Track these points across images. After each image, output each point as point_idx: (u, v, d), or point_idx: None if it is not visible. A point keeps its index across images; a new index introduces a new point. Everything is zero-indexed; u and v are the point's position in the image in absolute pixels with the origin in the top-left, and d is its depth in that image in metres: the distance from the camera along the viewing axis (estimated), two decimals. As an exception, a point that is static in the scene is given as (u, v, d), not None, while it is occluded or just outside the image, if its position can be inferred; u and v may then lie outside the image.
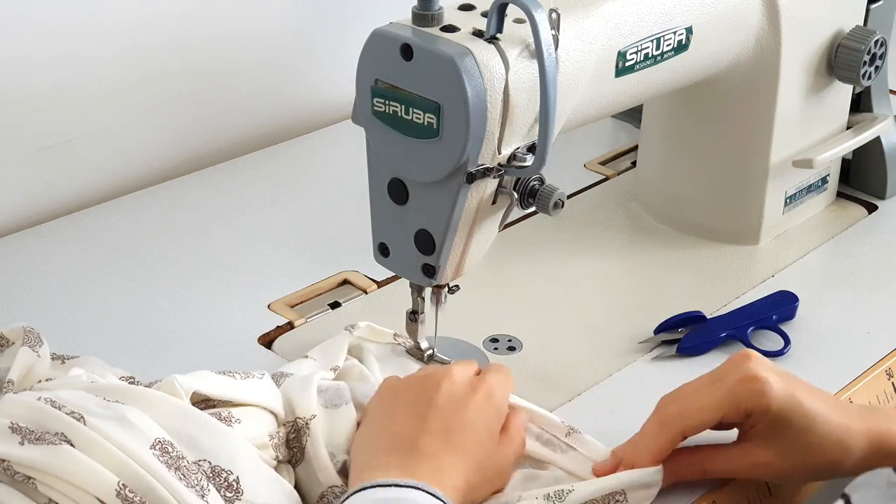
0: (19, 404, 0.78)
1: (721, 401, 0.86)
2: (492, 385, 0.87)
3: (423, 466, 0.81)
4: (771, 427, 0.86)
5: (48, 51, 1.19)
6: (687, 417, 0.86)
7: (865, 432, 0.85)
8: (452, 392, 0.86)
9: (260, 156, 1.35)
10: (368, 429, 0.87)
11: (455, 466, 0.82)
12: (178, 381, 0.84)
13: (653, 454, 0.86)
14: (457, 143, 0.85)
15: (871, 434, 0.85)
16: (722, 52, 1.06)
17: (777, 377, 0.86)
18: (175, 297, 1.10)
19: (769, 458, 0.86)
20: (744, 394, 0.85)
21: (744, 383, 0.85)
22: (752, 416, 0.86)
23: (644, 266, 1.16)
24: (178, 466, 0.78)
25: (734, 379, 0.86)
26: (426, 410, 0.84)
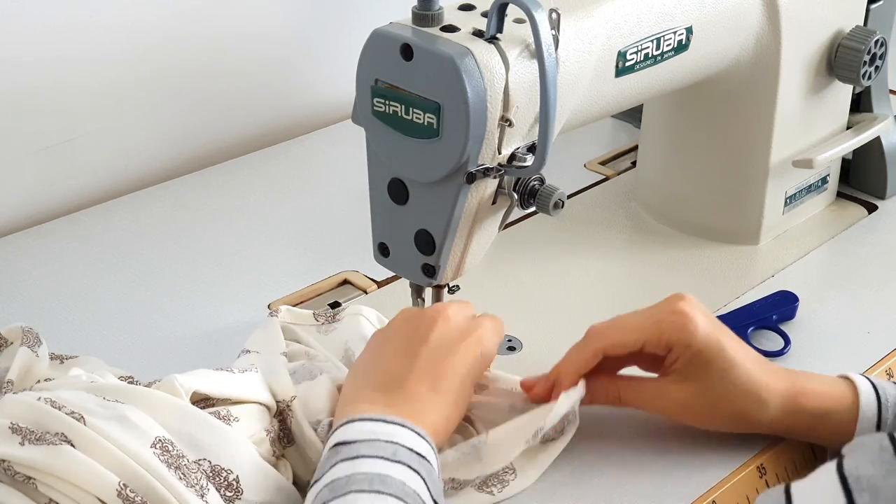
0: (19, 404, 0.78)
1: (645, 325, 0.89)
2: (484, 331, 0.88)
3: (408, 405, 0.83)
4: (689, 364, 0.88)
5: (48, 51, 1.20)
6: (610, 334, 0.90)
7: (782, 390, 0.88)
8: (445, 333, 0.87)
9: (260, 156, 1.35)
10: (361, 364, 0.88)
11: (437, 408, 0.84)
12: (178, 380, 0.84)
13: (573, 367, 0.90)
14: (457, 143, 0.85)
15: (788, 392, 0.88)
16: (722, 52, 1.06)
17: (705, 318, 0.88)
18: (175, 297, 1.10)
19: (682, 396, 0.89)
20: (668, 324, 0.88)
21: (671, 315, 0.89)
22: (673, 350, 0.88)
23: (644, 266, 1.16)
24: (178, 465, 0.78)
25: (663, 310, 0.89)
26: (417, 349, 0.86)
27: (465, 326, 0.88)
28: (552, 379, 0.91)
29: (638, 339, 0.89)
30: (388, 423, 0.80)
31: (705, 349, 0.88)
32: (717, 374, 0.88)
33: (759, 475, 0.91)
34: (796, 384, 0.89)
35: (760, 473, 0.91)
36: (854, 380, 0.90)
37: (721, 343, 0.88)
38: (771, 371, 0.90)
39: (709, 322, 0.89)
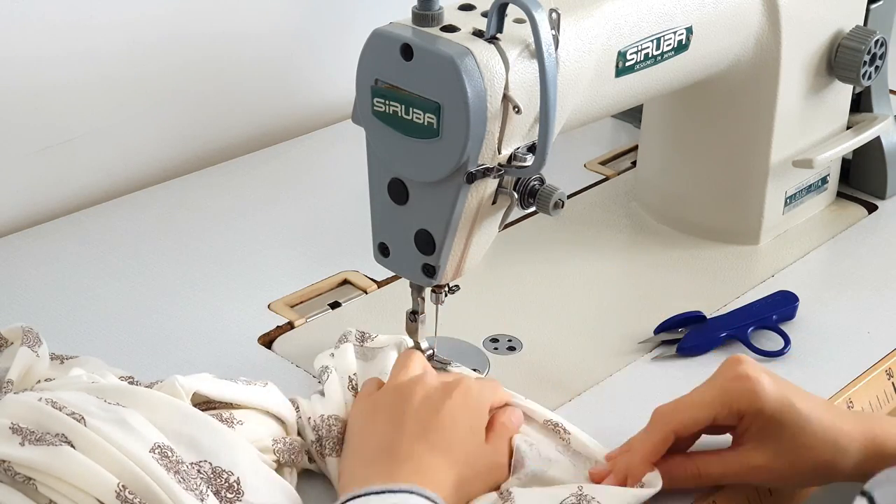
0: (20, 405, 0.78)
1: (714, 399, 0.86)
2: (467, 385, 0.88)
3: (405, 469, 0.81)
4: (764, 428, 0.86)
5: (48, 50, 1.19)
6: (679, 413, 0.87)
7: (859, 434, 0.86)
8: (427, 394, 0.86)
9: (260, 156, 1.35)
10: (349, 445, 0.87)
11: (438, 465, 0.82)
12: (179, 381, 0.84)
13: (645, 453, 0.87)
14: (457, 143, 0.85)
15: (866, 436, 0.86)
16: (722, 52, 1.06)
17: (769, 378, 0.86)
18: (175, 297, 1.10)
19: (763, 461, 0.86)
20: (736, 393, 0.86)
21: (736, 382, 0.86)
22: (746, 418, 0.86)
23: (644, 266, 1.16)
24: (177, 471, 0.78)
25: (727, 378, 0.87)
26: (402, 417, 0.85)
27: (447, 385, 0.87)
28: (623, 469, 0.86)
29: (709, 415, 0.86)
30: (395, 493, 0.78)
31: (777, 410, 0.85)
32: (792, 431, 0.85)
33: (760, 475, 0.91)
34: (873, 427, 0.87)
35: (760, 473, 0.91)
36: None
37: (791, 401, 0.85)
38: (844, 416, 0.87)
39: (774, 382, 0.86)
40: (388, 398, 0.88)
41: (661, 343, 1.04)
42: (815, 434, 0.85)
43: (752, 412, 0.86)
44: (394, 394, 0.88)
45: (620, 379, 1.01)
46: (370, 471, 0.82)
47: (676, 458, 0.88)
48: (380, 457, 0.83)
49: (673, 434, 0.87)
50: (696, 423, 0.87)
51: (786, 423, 0.85)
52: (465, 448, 0.85)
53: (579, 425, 0.92)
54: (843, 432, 0.86)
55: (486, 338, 1.05)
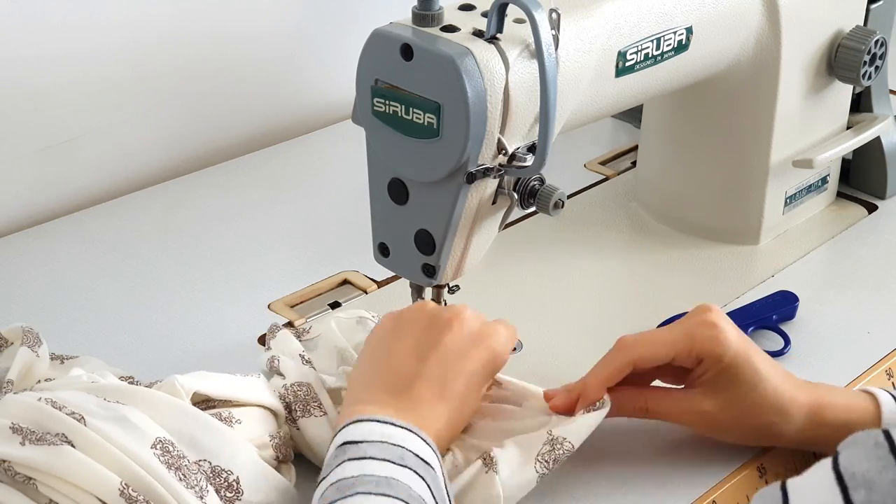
0: (20, 405, 0.78)
1: (677, 338, 0.88)
2: (497, 338, 0.88)
3: (415, 411, 0.82)
4: (719, 376, 0.88)
5: (48, 50, 1.20)
6: (640, 346, 0.89)
7: (807, 403, 0.88)
8: (458, 338, 0.86)
9: (260, 156, 1.35)
10: (369, 360, 0.87)
11: (444, 414, 0.84)
12: (179, 381, 0.84)
13: (602, 378, 0.88)
14: (457, 143, 0.85)
15: (811, 405, 0.88)
16: (722, 52, 1.06)
17: (734, 330, 0.88)
18: (175, 297, 1.10)
19: (711, 408, 0.88)
20: (700, 337, 0.88)
21: (702, 327, 0.88)
22: (704, 362, 0.88)
23: (644, 266, 1.16)
24: (178, 466, 0.78)
25: (694, 322, 0.89)
26: (429, 352, 0.85)
27: (478, 332, 0.87)
28: (577, 390, 0.89)
29: (669, 351, 0.88)
30: (397, 426, 0.79)
31: (736, 362, 0.87)
32: (745, 386, 0.87)
33: (759, 475, 0.91)
34: (820, 397, 0.89)
35: (760, 473, 0.91)
36: (875, 393, 0.89)
37: (750, 356, 0.87)
38: (795, 384, 0.89)
39: (738, 334, 0.88)
40: (421, 323, 0.88)
41: (661, 343, 1.04)
42: (765, 394, 0.87)
43: (711, 358, 0.88)
44: (430, 321, 0.88)
45: (620, 379, 1.01)
46: (385, 397, 0.83)
47: (628, 391, 0.90)
48: (395, 387, 0.84)
49: (631, 364, 0.88)
50: (656, 358, 0.89)
51: (740, 376, 0.87)
52: (469, 402, 0.86)
53: (579, 425, 0.92)
54: (791, 399, 0.88)
55: (486, 338, 1.05)
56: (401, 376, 0.85)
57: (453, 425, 0.85)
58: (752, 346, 0.89)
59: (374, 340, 0.89)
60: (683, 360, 0.88)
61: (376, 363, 0.87)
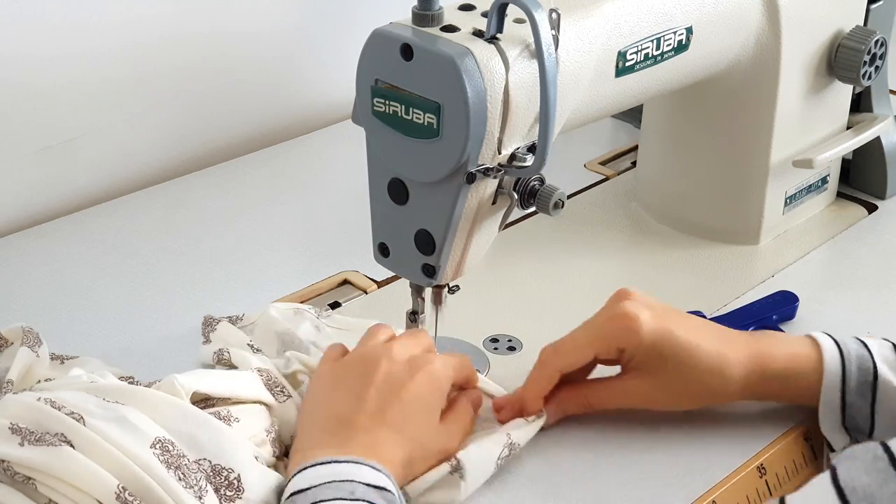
0: (19, 404, 0.78)
1: (592, 339, 0.91)
2: (433, 365, 0.88)
3: (357, 441, 0.83)
4: (645, 360, 0.90)
5: (48, 50, 1.19)
6: (561, 355, 0.92)
7: (745, 359, 0.90)
8: (391, 371, 0.87)
9: (260, 156, 1.35)
10: (309, 409, 0.88)
11: (391, 440, 0.84)
12: (178, 380, 0.84)
13: (534, 392, 0.92)
14: (457, 143, 0.85)
15: (751, 359, 0.90)
16: (722, 52, 1.06)
17: (650, 313, 0.90)
18: (175, 297, 1.10)
19: (647, 388, 0.91)
20: (614, 331, 0.90)
21: (614, 321, 0.90)
22: (626, 352, 0.90)
23: (644, 266, 1.16)
24: (178, 466, 0.78)
25: (605, 317, 0.91)
26: (364, 390, 0.86)
27: (410, 361, 0.88)
28: (518, 403, 0.92)
29: (588, 353, 0.91)
30: (341, 462, 0.79)
31: (656, 344, 0.89)
32: (674, 362, 0.89)
33: (759, 475, 0.91)
34: (760, 350, 0.91)
35: (760, 473, 0.91)
36: (817, 338, 0.92)
37: (672, 333, 0.89)
38: (732, 342, 0.91)
39: (654, 316, 0.90)
40: (353, 367, 0.88)
41: (661, 343, 1.04)
42: (699, 363, 0.89)
43: (630, 347, 0.90)
44: (360, 363, 0.88)
45: (620, 379, 1.01)
46: (325, 438, 0.83)
47: (566, 390, 0.93)
48: (336, 426, 0.84)
49: (557, 373, 0.92)
50: (578, 363, 0.92)
51: (666, 355, 0.89)
52: (420, 429, 0.86)
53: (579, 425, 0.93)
54: (728, 360, 0.90)
55: (486, 338, 1.05)
56: (340, 416, 0.85)
57: (411, 453, 0.85)
58: (675, 321, 0.90)
59: (312, 391, 0.90)
60: (606, 355, 0.91)
61: (316, 410, 0.87)
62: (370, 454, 0.81)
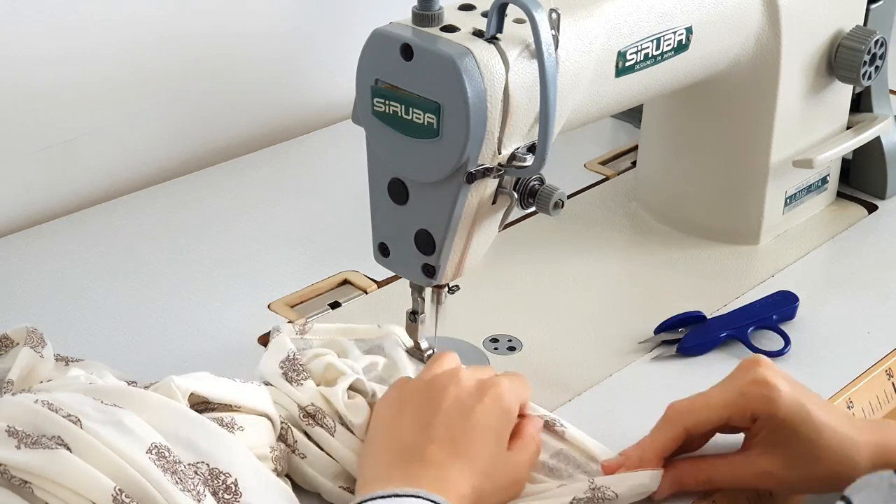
0: (16, 406, 0.78)
1: (730, 401, 0.86)
2: (501, 388, 0.86)
3: (427, 476, 0.80)
4: (776, 434, 0.85)
5: (48, 50, 1.19)
6: (693, 413, 0.87)
7: (872, 446, 0.85)
8: (459, 396, 0.84)
9: (260, 156, 1.35)
10: (374, 439, 0.85)
11: (461, 474, 0.81)
12: (175, 382, 0.84)
13: (657, 449, 0.87)
14: (457, 143, 0.85)
15: (876, 447, 0.85)
16: (722, 52, 1.06)
17: (787, 384, 0.86)
18: (175, 297, 1.10)
19: (773, 467, 0.86)
20: (752, 396, 0.85)
21: (753, 386, 0.86)
22: (759, 421, 0.86)
23: (644, 266, 1.16)
24: (174, 471, 0.77)
25: (744, 381, 0.86)
26: (432, 417, 0.83)
27: (478, 387, 0.86)
28: (634, 460, 0.87)
29: (722, 415, 0.86)
30: (401, 497, 0.77)
31: (791, 416, 0.85)
32: (805, 440, 0.85)
33: (760, 475, 0.91)
34: (884, 438, 0.86)
35: (760, 473, 0.91)
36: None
37: (807, 409, 0.85)
38: (857, 427, 0.87)
39: (792, 388, 0.86)
40: (419, 394, 0.86)
41: (661, 343, 1.04)
42: (828, 445, 0.84)
43: (766, 416, 0.85)
44: (426, 390, 0.86)
45: (620, 379, 1.01)
46: (393, 472, 0.81)
47: (687, 464, 0.88)
48: (403, 458, 0.82)
49: (685, 432, 0.87)
50: (710, 424, 0.87)
51: (799, 431, 0.85)
52: (490, 458, 0.83)
53: (579, 425, 0.92)
54: (855, 444, 0.85)
55: (486, 338, 1.05)
56: (408, 447, 0.82)
57: (481, 485, 0.82)
58: (809, 397, 0.86)
59: (377, 420, 0.87)
60: (738, 422, 0.87)
61: (382, 441, 0.85)
62: (439, 488, 0.79)
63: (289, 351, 0.93)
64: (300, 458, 0.87)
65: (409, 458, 0.82)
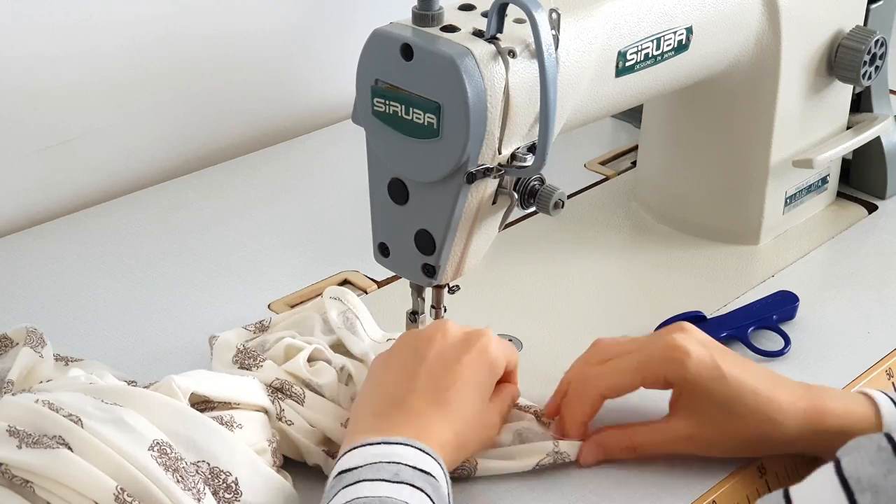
0: (17, 407, 0.78)
1: (639, 366, 0.88)
2: (487, 340, 0.87)
3: (410, 423, 0.82)
4: (693, 398, 0.87)
5: (48, 50, 1.20)
6: (604, 378, 0.89)
7: (800, 409, 0.86)
8: (445, 347, 0.86)
9: (260, 156, 1.35)
10: (363, 393, 0.87)
11: (443, 422, 0.83)
12: (176, 381, 0.84)
13: (577, 419, 0.90)
14: (457, 143, 0.85)
15: (807, 410, 0.86)
16: (722, 52, 1.06)
17: (702, 349, 0.87)
18: (175, 297, 1.10)
19: (693, 430, 0.88)
20: (662, 362, 0.87)
21: (664, 350, 0.88)
22: (676, 386, 0.88)
23: (644, 266, 1.16)
24: (176, 468, 0.78)
25: (656, 347, 0.88)
26: (417, 368, 0.85)
27: (464, 339, 0.87)
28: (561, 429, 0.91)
29: (634, 378, 0.89)
30: (389, 444, 0.79)
31: (703, 381, 0.86)
32: (722, 402, 0.86)
33: (759, 475, 0.91)
34: (815, 402, 0.87)
35: (760, 473, 0.91)
36: (872, 396, 0.88)
37: (721, 371, 0.86)
38: (785, 389, 0.88)
39: (705, 351, 0.87)
40: (406, 346, 0.88)
41: (661, 343, 1.04)
42: (746, 407, 0.86)
43: (678, 382, 0.87)
44: (413, 341, 0.88)
45: (620, 379, 1.01)
46: (377, 422, 0.83)
47: (610, 431, 0.90)
48: (388, 409, 0.83)
49: (600, 399, 0.89)
50: (622, 388, 0.89)
51: (714, 393, 0.86)
52: (471, 407, 0.85)
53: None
54: (779, 406, 0.86)
55: (486, 338, 1.05)
56: (393, 397, 0.84)
57: (462, 431, 0.84)
58: (727, 359, 0.87)
59: (369, 376, 0.89)
60: (652, 385, 0.88)
61: (370, 394, 0.87)
62: (421, 436, 0.80)
63: (237, 346, 0.95)
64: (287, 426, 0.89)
65: (392, 408, 0.83)
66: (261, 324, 1.01)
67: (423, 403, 0.83)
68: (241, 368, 0.92)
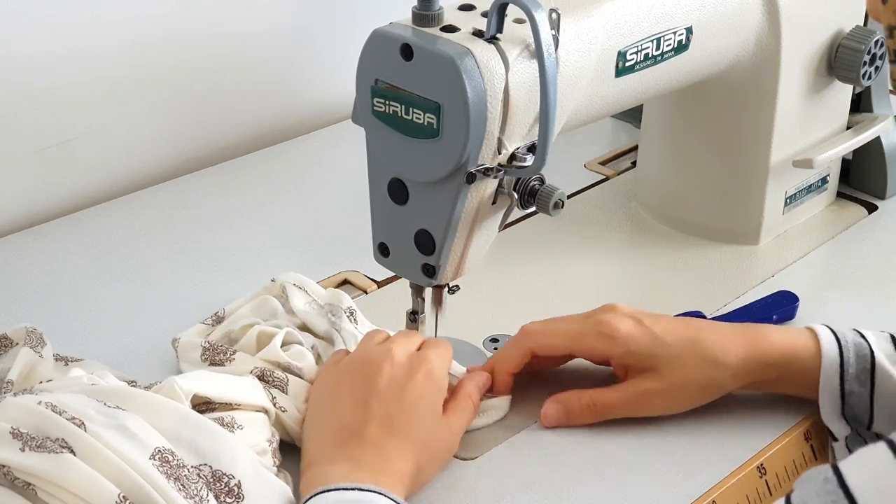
0: (20, 408, 0.78)
1: (573, 334, 0.94)
2: (432, 363, 0.89)
3: (369, 456, 0.83)
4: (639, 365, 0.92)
5: (48, 50, 1.19)
6: (539, 335, 0.95)
7: (742, 349, 0.91)
8: (393, 375, 0.87)
9: (260, 156, 1.35)
10: (316, 417, 0.88)
11: (400, 451, 0.84)
12: (178, 383, 0.84)
13: (506, 364, 0.95)
14: (457, 143, 0.85)
15: (748, 349, 0.91)
16: (722, 52, 1.06)
17: (629, 322, 0.92)
18: (175, 298, 1.10)
19: (647, 385, 0.92)
20: (592, 335, 0.93)
21: (595, 325, 0.93)
22: (613, 361, 0.93)
23: (644, 266, 1.16)
24: (178, 476, 0.77)
25: (591, 320, 0.94)
26: (368, 396, 0.86)
27: (408, 364, 0.89)
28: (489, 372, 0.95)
29: (564, 344, 0.94)
30: (363, 491, 0.79)
31: (643, 348, 0.91)
32: (667, 359, 0.91)
33: (759, 475, 0.91)
34: (756, 339, 0.92)
35: (760, 473, 0.91)
36: (814, 328, 0.93)
37: (654, 334, 0.91)
38: (725, 333, 0.93)
39: (633, 323, 0.92)
40: (354, 372, 0.89)
41: (661, 343, 1.05)
42: (690, 356, 0.91)
43: (616, 357, 0.92)
44: (362, 368, 0.89)
45: (620, 379, 1.01)
46: (336, 451, 0.84)
47: (571, 393, 0.94)
48: (346, 439, 0.85)
49: (529, 351, 0.95)
50: (553, 349, 0.95)
51: (658, 355, 0.91)
52: (426, 430, 0.87)
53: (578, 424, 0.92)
54: (720, 347, 0.91)
55: (486, 338, 1.05)
56: (349, 428, 0.85)
57: (418, 458, 0.85)
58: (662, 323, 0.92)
59: (316, 397, 0.90)
60: (584, 356, 0.94)
61: (325, 421, 0.88)
62: (382, 469, 0.82)
63: (202, 343, 0.95)
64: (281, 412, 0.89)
65: (349, 438, 0.85)
66: (216, 315, 1.01)
67: (380, 433, 0.85)
68: (212, 365, 0.93)
